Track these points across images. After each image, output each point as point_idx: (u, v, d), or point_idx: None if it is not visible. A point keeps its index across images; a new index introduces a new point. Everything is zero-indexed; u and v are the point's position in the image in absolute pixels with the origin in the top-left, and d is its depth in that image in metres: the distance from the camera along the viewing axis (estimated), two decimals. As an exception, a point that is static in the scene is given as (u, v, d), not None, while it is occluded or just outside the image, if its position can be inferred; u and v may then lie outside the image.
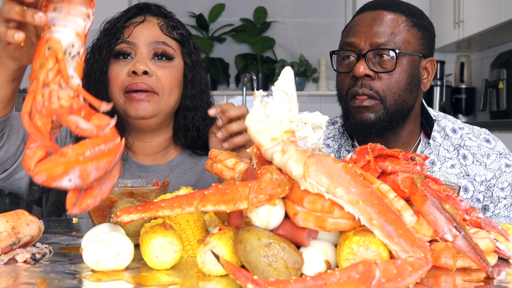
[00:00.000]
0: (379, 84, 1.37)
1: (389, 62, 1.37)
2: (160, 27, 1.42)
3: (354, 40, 1.39)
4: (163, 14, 1.46)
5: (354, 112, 1.39)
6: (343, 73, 1.42)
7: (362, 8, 1.47)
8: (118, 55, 1.40)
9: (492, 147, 1.47)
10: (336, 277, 0.63)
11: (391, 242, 0.68)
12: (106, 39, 1.40)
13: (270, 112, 0.74)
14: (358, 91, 1.37)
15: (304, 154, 0.71)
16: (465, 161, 1.46)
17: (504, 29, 3.69)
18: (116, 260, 0.77)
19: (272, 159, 0.74)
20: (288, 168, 0.71)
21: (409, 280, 0.66)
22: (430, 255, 0.68)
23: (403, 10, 1.42)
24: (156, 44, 1.40)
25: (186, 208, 0.73)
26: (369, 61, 1.37)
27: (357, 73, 1.36)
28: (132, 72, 1.36)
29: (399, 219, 0.69)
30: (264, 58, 4.85)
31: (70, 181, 0.74)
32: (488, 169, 1.45)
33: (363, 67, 1.36)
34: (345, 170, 0.69)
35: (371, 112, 1.37)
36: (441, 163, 1.47)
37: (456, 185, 0.95)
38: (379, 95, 1.37)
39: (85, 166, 0.74)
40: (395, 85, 1.37)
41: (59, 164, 0.74)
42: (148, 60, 1.39)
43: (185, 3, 4.77)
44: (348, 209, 0.69)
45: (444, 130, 1.49)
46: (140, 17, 1.43)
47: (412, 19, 1.41)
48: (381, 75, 1.37)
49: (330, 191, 0.69)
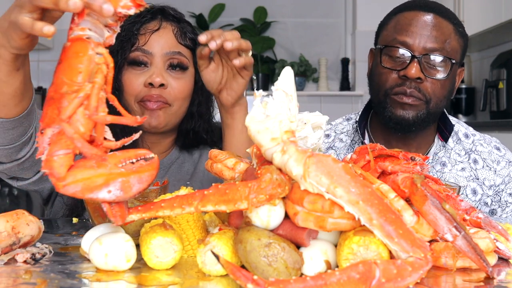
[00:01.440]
0: (426, 88, 1.39)
1: (440, 69, 1.39)
2: (175, 35, 1.41)
3: (408, 39, 1.40)
4: (176, 19, 1.45)
5: (395, 106, 1.41)
6: (390, 69, 1.42)
7: (409, 5, 1.47)
8: (133, 63, 1.39)
9: (502, 155, 1.52)
10: (336, 277, 0.63)
11: (391, 242, 0.68)
12: (121, 45, 1.38)
13: (270, 112, 0.74)
14: (407, 91, 1.39)
15: (304, 154, 0.71)
16: (476, 165, 1.49)
17: (504, 29, 3.69)
18: (120, 260, 0.77)
19: (272, 159, 0.74)
20: (288, 168, 0.71)
21: (409, 280, 0.66)
22: (430, 255, 0.68)
23: (451, 18, 1.44)
24: (172, 55, 1.39)
25: (186, 208, 0.73)
26: (421, 64, 1.38)
27: (410, 75, 1.37)
28: (148, 83, 1.37)
29: (399, 219, 0.69)
30: (264, 58, 4.85)
31: (110, 192, 0.71)
32: (498, 174, 1.49)
33: (416, 69, 1.37)
34: (345, 170, 0.69)
35: (415, 110, 1.40)
36: (452, 165, 1.50)
37: (456, 185, 0.95)
38: (425, 97, 1.39)
39: (128, 178, 0.72)
40: (441, 90, 1.41)
41: (100, 175, 0.71)
42: (164, 71, 1.39)
43: (185, 3, 4.76)
44: (348, 209, 0.69)
45: (457, 135, 1.54)
46: (155, 22, 1.41)
47: (458, 29, 1.44)
48: (429, 79, 1.39)
49: (330, 191, 0.69)
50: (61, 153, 0.72)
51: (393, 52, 1.42)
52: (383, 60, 1.44)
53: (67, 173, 0.71)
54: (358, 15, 4.61)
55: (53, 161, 0.72)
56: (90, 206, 1.01)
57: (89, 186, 0.71)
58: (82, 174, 0.71)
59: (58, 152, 0.72)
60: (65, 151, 0.72)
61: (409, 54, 1.39)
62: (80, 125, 0.74)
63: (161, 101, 1.37)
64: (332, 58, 4.83)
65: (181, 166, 1.52)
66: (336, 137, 1.61)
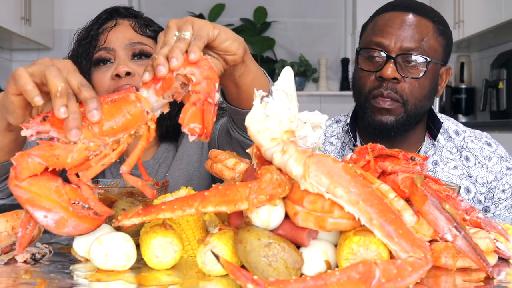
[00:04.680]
0: (404, 88, 1.38)
1: (417, 68, 1.38)
2: (133, 28, 1.45)
3: (384, 40, 1.39)
4: (132, 15, 1.49)
5: (374, 112, 1.40)
6: (367, 71, 1.41)
7: (389, 6, 1.47)
8: (98, 62, 1.42)
9: (493, 151, 1.50)
10: (336, 277, 0.63)
11: (391, 242, 0.68)
12: (83, 49, 1.43)
13: (270, 112, 0.74)
14: (384, 92, 1.38)
15: (304, 154, 0.71)
16: (468, 162, 1.48)
17: (504, 29, 3.69)
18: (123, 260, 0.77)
19: (272, 159, 0.74)
20: (288, 168, 0.71)
21: (409, 280, 0.66)
22: (430, 255, 0.68)
23: (431, 16, 1.43)
24: (132, 45, 1.43)
25: (187, 209, 0.73)
26: (397, 64, 1.37)
27: (386, 75, 1.37)
28: (115, 75, 1.39)
29: (399, 219, 0.69)
30: (264, 58, 4.85)
31: (46, 217, 0.75)
32: (490, 171, 1.47)
33: (392, 70, 1.37)
34: (345, 170, 0.69)
35: (392, 114, 1.39)
36: (444, 163, 1.48)
37: (456, 185, 0.95)
38: (402, 98, 1.38)
39: (68, 218, 0.75)
40: (419, 91, 1.39)
41: (50, 200, 0.74)
42: (128, 61, 1.42)
43: (185, 3, 4.77)
44: (348, 209, 0.69)
45: (448, 132, 1.52)
46: (111, 21, 1.46)
47: (439, 27, 1.43)
48: (407, 79, 1.38)
49: (330, 191, 0.69)
50: (37, 160, 0.74)
51: (369, 54, 1.42)
52: (360, 62, 1.44)
53: (28, 178, 0.74)
54: (358, 15, 4.61)
55: (26, 160, 0.74)
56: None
57: (34, 201, 0.74)
58: (37, 188, 0.75)
59: (35, 158, 0.74)
60: (41, 161, 0.75)
61: (384, 54, 1.39)
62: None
63: None
64: (332, 58, 4.83)
65: (170, 165, 1.53)
66: (326, 141, 1.60)
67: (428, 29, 1.40)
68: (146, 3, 4.78)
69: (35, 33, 4.20)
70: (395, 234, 0.68)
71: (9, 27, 3.83)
